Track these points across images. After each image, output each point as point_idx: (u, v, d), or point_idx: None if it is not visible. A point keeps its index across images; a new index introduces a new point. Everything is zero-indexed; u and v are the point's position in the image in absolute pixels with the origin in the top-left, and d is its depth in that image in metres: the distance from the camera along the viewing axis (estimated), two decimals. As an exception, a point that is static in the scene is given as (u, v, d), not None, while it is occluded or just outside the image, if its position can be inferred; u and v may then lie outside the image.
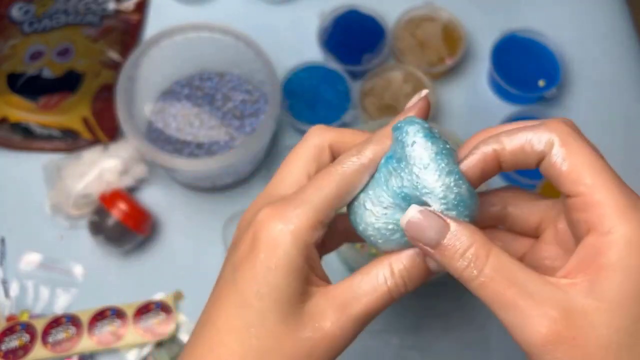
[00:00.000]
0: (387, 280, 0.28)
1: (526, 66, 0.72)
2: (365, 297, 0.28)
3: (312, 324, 0.28)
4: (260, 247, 0.27)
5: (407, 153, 0.27)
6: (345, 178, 0.28)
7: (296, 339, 0.27)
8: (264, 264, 0.27)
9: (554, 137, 0.26)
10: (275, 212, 0.28)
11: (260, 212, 0.28)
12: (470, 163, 0.28)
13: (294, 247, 0.27)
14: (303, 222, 0.27)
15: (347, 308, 0.28)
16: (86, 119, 0.66)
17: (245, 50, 0.64)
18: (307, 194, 0.28)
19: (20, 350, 0.57)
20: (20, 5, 0.73)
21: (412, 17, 0.74)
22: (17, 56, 0.69)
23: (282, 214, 0.27)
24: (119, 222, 0.60)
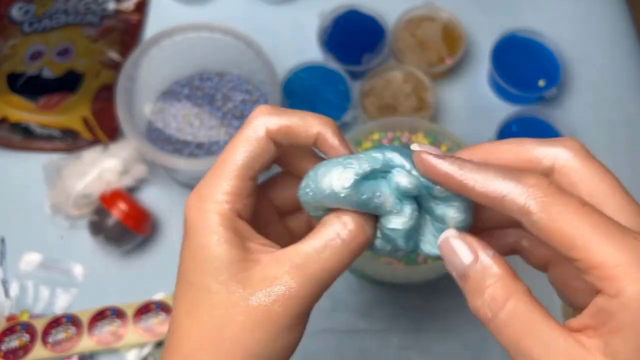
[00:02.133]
0: (340, 232, 0.28)
1: (526, 66, 0.72)
2: (320, 254, 0.27)
3: (263, 288, 0.27)
4: (190, 230, 0.28)
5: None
6: (252, 141, 0.29)
7: (249, 307, 0.27)
8: (196, 243, 0.28)
9: (529, 201, 0.23)
10: (196, 194, 0.29)
11: (187, 199, 0.29)
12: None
13: (215, 222, 0.28)
14: (218, 196, 0.28)
15: (299, 270, 0.27)
16: (86, 119, 0.66)
17: (245, 50, 0.64)
18: (218, 167, 0.29)
19: (20, 350, 0.57)
20: (20, 5, 0.73)
21: (412, 17, 0.74)
22: (17, 56, 0.69)
23: (200, 193, 0.29)
24: (119, 222, 0.60)
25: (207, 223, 0.28)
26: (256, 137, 0.29)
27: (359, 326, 0.61)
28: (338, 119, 0.67)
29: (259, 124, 0.29)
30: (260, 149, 0.29)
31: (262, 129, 0.29)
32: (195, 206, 0.28)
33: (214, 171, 0.29)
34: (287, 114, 0.29)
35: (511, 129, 0.68)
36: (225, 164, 0.29)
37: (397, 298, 0.63)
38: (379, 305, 0.62)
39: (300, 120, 0.29)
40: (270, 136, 0.29)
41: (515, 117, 0.69)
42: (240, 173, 0.29)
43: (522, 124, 0.69)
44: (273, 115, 0.29)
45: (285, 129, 0.29)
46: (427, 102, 0.69)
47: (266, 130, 0.29)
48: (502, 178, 0.24)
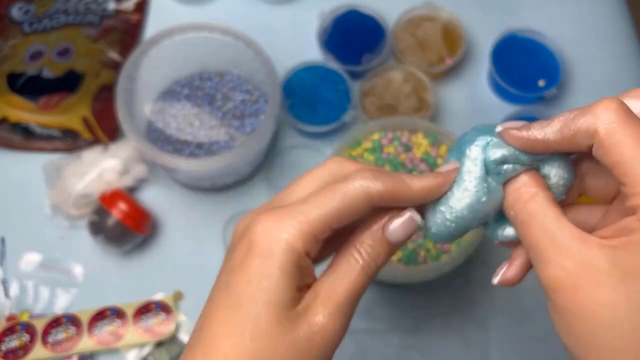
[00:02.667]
0: (359, 260, 0.30)
1: (526, 66, 0.72)
2: (344, 281, 0.29)
3: (305, 321, 0.28)
4: (254, 253, 0.28)
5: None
6: (348, 199, 0.29)
7: (291, 339, 0.28)
8: (258, 269, 0.28)
9: (599, 126, 0.26)
10: (272, 220, 0.28)
11: (257, 218, 0.29)
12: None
13: (286, 256, 0.28)
14: (297, 233, 0.28)
15: (331, 297, 0.29)
16: (86, 119, 0.66)
17: (245, 50, 0.64)
18: (306, 206, 0.29)
19: (20, 350, 0.57)
20: (20, 5, 0.73)
21: (412, 17, 0.74)
22: (17, 56, 0.69)
23: (279, 222, 0.28)
24: (119, 222, 0.60)
25: (280, 256, 0.28)
26: (354, 196, 0.29)
27: (359, 326, 0.61)
28: (338, 119, 0.67)
29: (363, 184, 0.29)
30: (355, 208, 0.29)
31: (361, 190, 0.29)
32: (269, 229, 0.28)
33: (304, 204, 0.29)
34: (392, 179, 0.30)
35: (511, 129, 0.68)
36: (317, 203, 0.29)
37: (397, 298, 0.63)
38: (379, 305, 0.62)
39: (404, 186, 0.30)
40: (370, 198, 0.29)
41: (515, 117, 0.69)
42: (326, 220, 0.29)
43: (522, 124, 0.69)
44: (378, 178, 0.30)
45: (389, 192, 0.30)
46: (427, 102, 0.69)
47: (368, 193, 0.29)
48: (576, 114, 0.27)
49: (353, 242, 0.31)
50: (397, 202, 0.30)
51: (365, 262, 0.30)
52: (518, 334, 0.61)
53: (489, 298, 0.63)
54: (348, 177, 0.29)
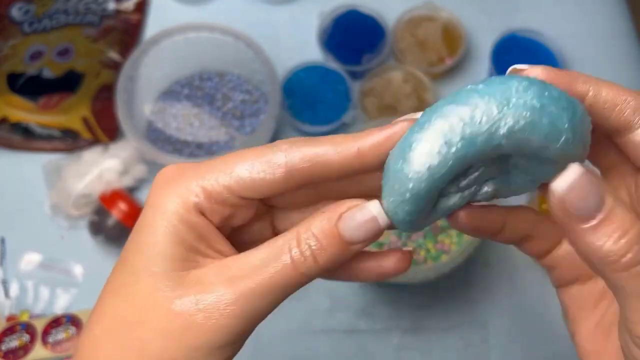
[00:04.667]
0: (292, 249, 0.24)
1: (526, 66, 0.72)
2: (262, 269, 0.23)
3: (191, 295, 0.23)
4: (145, 206, 0.25)
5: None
6: (260, 164, 0.24)
7: (169, 310, 0.23)
8: (143, 222, 0.24)
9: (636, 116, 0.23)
10: (170, 169, 0.25)
11: (165, 166, 0.26)
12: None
13: (172, 209, 0.24)
14: (191, 186, 0.24)
15: (236, 281, 0.23)
16: (86, 119, 0.66)
17: (245, 50, 0.64)
18: (212, 163, 0.25)
19: (20, 350, 0.57)
20: (20, 5, 0.73)
21: (412, 17, 0.74)
22: (17, 56, 0.69)
23: (174, 172, 0.25)
24: (119, 222, 0.60)
25: (164, 206, 0.24)
26: (270, 161, 0.24)
27: (359, 326, 0.61)
28: (338, 119, 0.67)
29: (279, 152, 0.24)
30: (271, 175, 0.24)
31: (281, 157, 0.24)
32: (162, 183, 0.25)
33: (205, 164, 0.25)
34: (315, 142, 0.24)
35: (511, 129, 0.68)
36: (220, 163, 0.25)
37: (397, 298, 0.63)
38: (379, 305, 0.62)
39: (330, 147, 0.24)
40: (290, 169, 0.24)
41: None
42: (229, 182, 0.24)
43: (522, 124, 0.69)
44: (298, 144, 0.24)
45: (311, 158, 0.24)
46: (427, 102, 0.69)
47: (286, 161, 0.24)
48: (620, 87, 0.24)
49: (297, 226, 0.24)
50: (320, 176, 0.24)
51: (299, 255, 0.23)
52: (518, 334, 0.61)
53: (489, 298, 0.63)
54: (276, 144, 0.25)
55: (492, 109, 0.20)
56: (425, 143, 0.21)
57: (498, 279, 0.64)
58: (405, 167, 0.21)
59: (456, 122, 0.21)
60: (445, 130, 0.21)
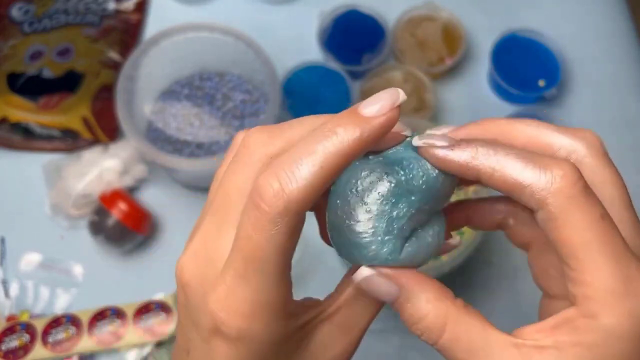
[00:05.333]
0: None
1: (526, 66, 0.72)
2: (365, 316, 0.27)
3: (324, 355, 0.26)
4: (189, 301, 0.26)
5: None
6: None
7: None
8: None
9: (551, 197, 0.22)
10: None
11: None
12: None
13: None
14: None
15: (352, 328, 0.27)
16: (86, 119, 0.66)
17: (245, 50, 0.64)
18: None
19: (20, 350, 0.57)
20: (20, 5, 0.73)
21: (412, 17, 0.74)
22: (17, 56, 0.69)
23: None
24: (119, 222, 0.60)
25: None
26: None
27: (359, 326, 0.61)
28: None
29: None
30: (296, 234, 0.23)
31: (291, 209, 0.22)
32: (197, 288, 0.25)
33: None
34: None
35: (511, 129, 0.68)
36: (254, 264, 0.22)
37: (397, 298, 0.63)
38: (379, 305, 0.62)
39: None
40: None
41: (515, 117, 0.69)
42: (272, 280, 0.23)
43: (522, 124, 0.69)
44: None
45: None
46: (427, 102, 0.69)
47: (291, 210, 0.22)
48: (524, 164, 0.22)
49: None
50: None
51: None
52: (518, 334, 0.61)
53: (489, 298, 0.63)
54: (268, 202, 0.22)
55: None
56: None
57: (498, 279, 0.64)
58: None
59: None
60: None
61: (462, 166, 0.23)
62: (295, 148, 0.22)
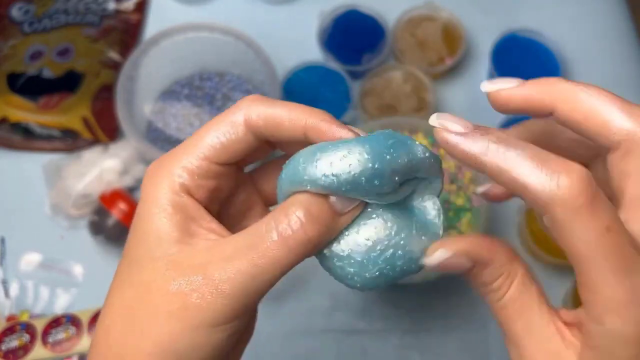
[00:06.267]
0: (279, 224, 0.24)
1: (526, 66, 0.72)
2: (250, 249, 0.24)
3: (186, 276, 0.24)
4: (140, 201, 0.27)
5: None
6: (224, 126, 0.27)
7: (168, 292, 0.24)
8: (139, 215, 0.26)
9: (556, 207, 0.21)
10: (154, 165, 0.27)
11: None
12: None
13: (162, 195, 0.26)
14: (173, 171, 0.26)
15: (226, 262, 0.24)
16: (86, 119, 0.66)
17: (245, 50, 0.64)
18: (182, 146, 0.27)
19: (20, 350, 0.57)
20: (20, 5, 0.73)
21: (412, 17, 0.74)
22: (17, 56, 0.69)
23: (158, 165, 0.27)
24: (119, 222, 0.60)
25: (155, 195, 0.26)
26: (232, 122, 0.26)
27: (359, 326, 0.61)
28: (338, 119, 0.67)
29: (239, 111, 0.26)
30: (235, 135, 0.26)
31: (240, 116, 0.26)
32: (150, 176, 0.27)
33: (181, 147, 0.27)
34: (272, 104, 0.26)
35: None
36: (192, 140, 0.27)
37: (397, 298, 0.63)
38: (379, 305, 0.62)
39: (285, 112, 0.26)
40: (249, 125, 0.26)
41: (515, 117, 0.69)
42: (203, 153, 0.26)
43: (522, 124, 0.69)
44: (256, 104, 0.26)
45: (266, 118, 0.26)
46: (427, 102, 0.69)
47: (245, 118, 0.26)
48: (533, 167, 0.22)
49: (285, 201, 0.25)
50: (280, 128, 0.26)
51: (287, 229, 0.24)
52: (518, 334, 0.61)
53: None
54: (232, 106, 0.27)
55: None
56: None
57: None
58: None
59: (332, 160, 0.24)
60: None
61: (469, 158, 0.23)
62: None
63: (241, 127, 0.26)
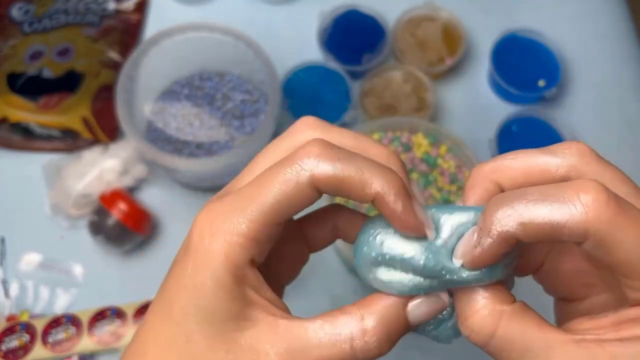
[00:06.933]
0: (355, 339, 0.24)
1: (526, 66, 0.72)
2: (320, 349, 0.23)
3: (247, 353, 0.23)
4: (189, 257, 0.24)
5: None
6: (287, 187, 0.23)
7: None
8: (191, 279, 0.24)
9: (591, 226, 0.20)
10: (207, 216, 0.24)
11: (201, 213, 0.25)
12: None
13: (219, 263, 0.23)
14: (231, 237, 0.23)
15: (293, 356, 0.23)
16: (86, 119, 0.66)
17: (245, 50, 0.64)
18: (241, 201, 0.24)
19: (20, 350, 0.57)
20: (20, 5, 0.73)
21: (412, 17, 0.74)
22: (17, 56, 0.69)
23: (212, 221, 0.24)
24: (119, 222, 0.60)
25: (210, 260, 0.23)
26: (298, 182, 0.23)
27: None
28: (338, 119, 0.67)
29: (305, 168, 0.23)
30: (300, 196, 0.23)
31: (307, 175, 0.23)
32: (204, 231, 0.24)
33: (238, 201, 0.24)
34: (342, 161, 0.23)
35: (511, 129, 0.68)
36: (253, 200, 0.24)
37: (397, 298, 0.62)
38: (379, 305, 0.62)
39: (357, 174, 0.23)
40: (315, 185, 0.23)
41: (515, 117, 0.69)
42: (266, 218, 0.23)
43: (522, 124, 0.69)
44: (325, 161, 0.23)
45: (336, 181, 0.23)
46: (427, 102, 0.69)
47: (312, 178, 0.23)
48: (549, 205, 0.21)
49: (360, 306, 0.25)
50: (350, 193, 0.24)
51: (363, 344, 0.24)
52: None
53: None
54: (294, 155, 0.24)
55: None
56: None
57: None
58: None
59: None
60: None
61: (498, 247, 0.22)
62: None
63: (307, 187, 0.23)
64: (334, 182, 0.23)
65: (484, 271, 0.23)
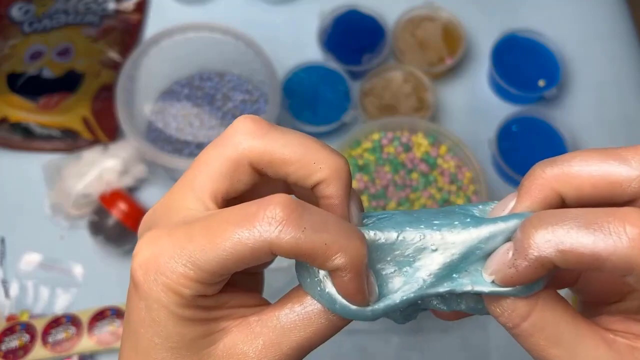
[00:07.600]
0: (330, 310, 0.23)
1: (526, 66, 0.72)
2: (298, 333, 0.23)
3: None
4: (139, 294, 0.23)
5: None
6: (243, 249, 0.21)
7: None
8: (147, 314, 0.23)
9: (632, 255, 0.19)
10: (151, 255, 0.23)
11: (139, 245, 0.24)
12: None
13: (173, 303, 0.22)
14: (180, 279, 0.22)
15: (268, 349, 0.23)
16: (86, 119, 0.66)
17: (245, 50, 0.64)
18: (192, 245, 0.22)
19: (20, 350, 0.57)
20: (20, 5, 0.73)
21: (412, 17, 0.74)
22: (17, 56, 0.69)
23: (158, 260, 0.22)
24: (119, 222, 0.60)
25: (160, 297, 0.22)
26: (254, 248, 0.21)
27: (359, 326, 0.61)
28: (338, 119, 0.67)
29: (265, 236, 0.21)
30: (254, 259, 0.22)
31: (266, 243, 0.21)
32: (149, 267, 0.22)
33: (186, 246, 0.22)
34: (307, 231, 0.21)
35: (511, 129, 0.68)
36: (204, 250, 0.22)
37: (397, 298, 0.63)
38: (379, 305, 0.62)
39: (320, 249, 0.21)
40: (274, 251, 0.21)
41: (515, 117, 0.69)
42: (216, 269, 0.22)
43: (522, 124, 0.69)
44: (287, 230, 0.21)
45: (297, 251, 0.21)
46: (427, 102, 0.69)
47: (271, 245, 0.21)
48: (591, 234, 0.20)
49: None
50: (308, 262, 0.22)
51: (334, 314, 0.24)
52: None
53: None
54: (252, 215, 0.21)
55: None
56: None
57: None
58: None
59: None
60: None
61: (535, 272, 0.21)
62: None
63: (264, 255, 0.22)
64: (294, 252, 0.21)
65: (519, 288, 0.22)
